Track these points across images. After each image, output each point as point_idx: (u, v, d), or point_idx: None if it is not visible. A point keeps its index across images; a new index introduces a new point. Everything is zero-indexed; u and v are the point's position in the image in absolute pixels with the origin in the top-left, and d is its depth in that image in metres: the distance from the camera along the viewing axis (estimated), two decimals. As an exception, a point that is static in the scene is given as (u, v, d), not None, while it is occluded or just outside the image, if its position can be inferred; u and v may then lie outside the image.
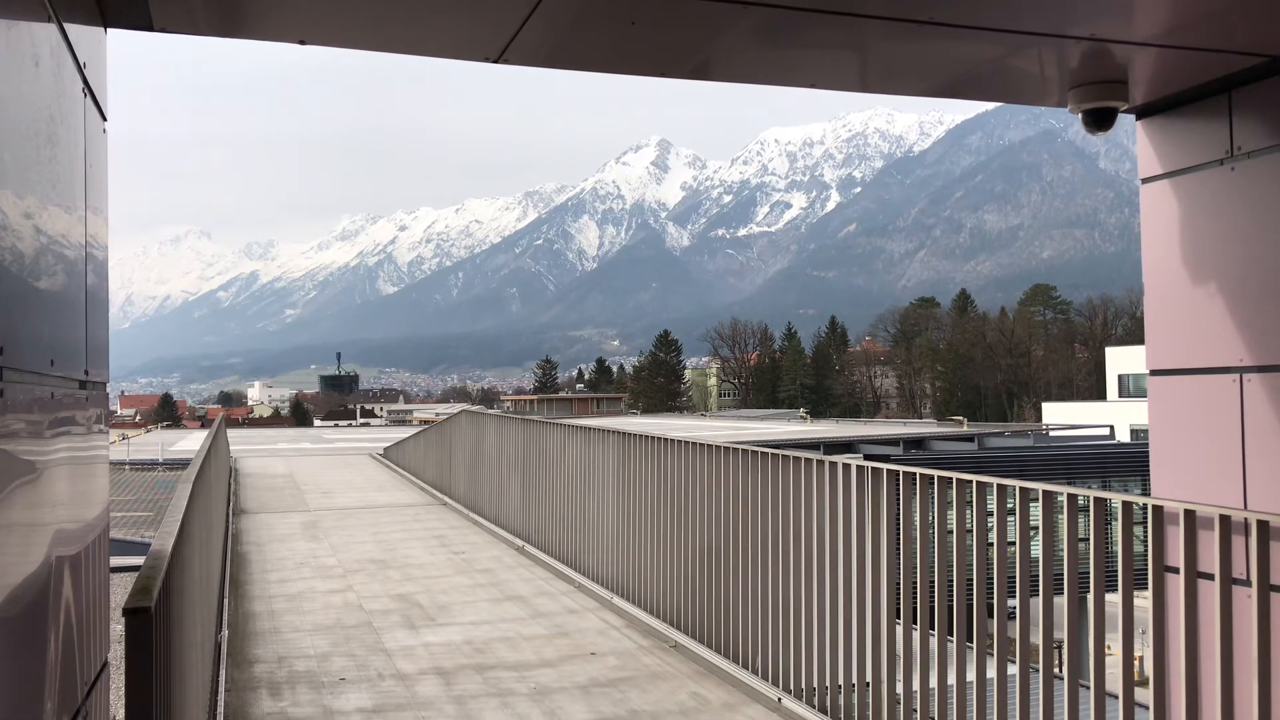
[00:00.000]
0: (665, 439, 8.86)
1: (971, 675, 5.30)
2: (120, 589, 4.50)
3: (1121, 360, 72.90)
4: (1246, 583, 4.19)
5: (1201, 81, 5.14)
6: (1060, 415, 73.85)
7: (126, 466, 36.56)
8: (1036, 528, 4.94)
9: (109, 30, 4.37)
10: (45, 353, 2.92)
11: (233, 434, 39.65)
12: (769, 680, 7.00)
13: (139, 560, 3.93)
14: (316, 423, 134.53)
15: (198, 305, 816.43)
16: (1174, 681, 4.45)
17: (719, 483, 7.77)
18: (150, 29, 4.42)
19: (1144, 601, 4.70)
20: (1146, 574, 4.57)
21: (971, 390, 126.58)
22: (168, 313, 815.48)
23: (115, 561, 5.91)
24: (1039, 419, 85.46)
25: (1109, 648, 4.72)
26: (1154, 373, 5.54)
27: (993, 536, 5.30)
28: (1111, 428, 56.86)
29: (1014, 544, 5.15)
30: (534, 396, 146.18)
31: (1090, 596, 4.80)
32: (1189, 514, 4.42)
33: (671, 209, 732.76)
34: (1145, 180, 5.66)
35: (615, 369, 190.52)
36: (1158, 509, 4.59)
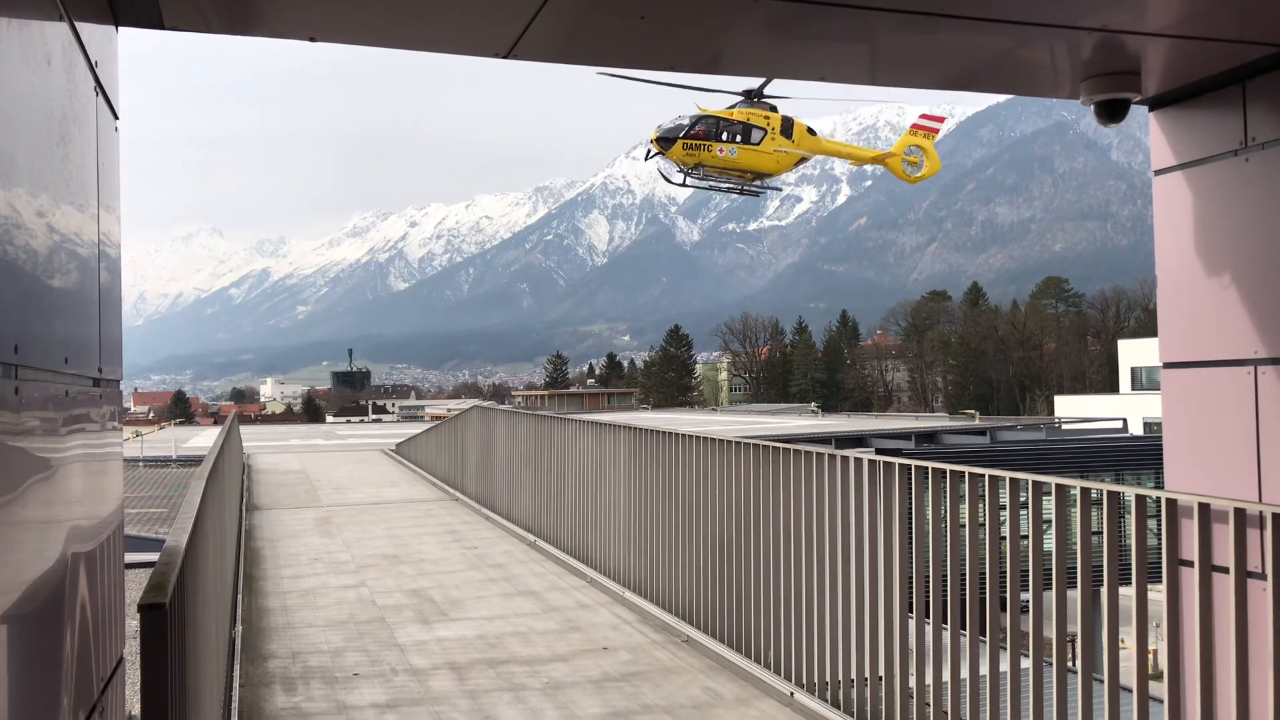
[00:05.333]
0: (676, 434, 8.86)
1: (984, 669, 5.29)
2: (135, 585, 4.53)
3: (1134, 353, 72.52)
4: (1262, 576, 4.17)
5: (1215, 72, 5.11)
6: (1073, 408, 73.57)
7: (140, 463, 36.72)
8: (1049, 521, 4.92)
9: (120, 29, 4.38)
10: (59, 351, 2.94)
11: (245, 430, 39.80)
12: (781, 675, 7.00)
13: (153, 556, 3.96)
14: (329, 419, 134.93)
15: (210, 303, 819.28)
16: (1189, 675, 4.43)
17: (730, 477, 7.76)
18: (161, 27, 4.43)
19: (1158, 595, 4.68)
20: (1160, 567, 4.55)
21: (983, 384, 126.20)
22: (180, 310, 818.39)
23: (130, 558, 5.95)
24: (1051, 412, 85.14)
25: (1123, 641, 4.70)
26: (1168, 365, 5.51)
27: (1005, 530, 5.29)
28: (1124, 421, 56.66)
29: (1027, 538, 5.13)
30: (545, 392, 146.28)
31: (1104, 590, 4.78)
32: (1203, 507, 4.40)
33: (681, 203, 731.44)
34: (1158, 172, 5.63)
35: (626, 364, 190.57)
36: (1172, 502, 4.57)
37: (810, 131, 32.45)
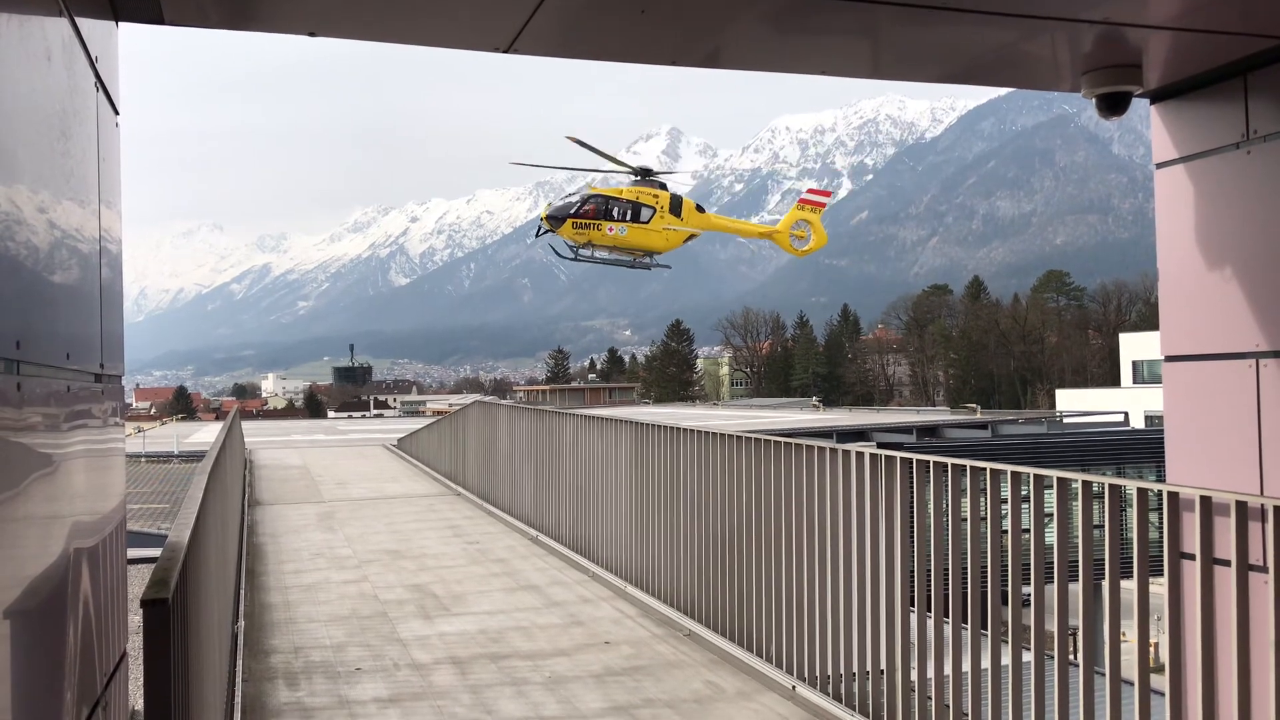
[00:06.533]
0: (678, 428, 8.86)
1: (986, 662, 5.29)
2: (138, 580, 4.53)
3: (1135, 346, 72.48)
4: (1263, 569, 4.17)
5: (1216, 65, 5.10)
6: (1074, 402, 73.53)
7: (142, 459, 36.75)
8: (1051, 515, 4.92)
9: (120, 24, 4.38)
10: (61, 347, 2.94)
11: (247, 426, 39.82)
12: (783, 668, 7.01)
13: (156, 552, 3.96)
14: (330, 414, 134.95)
15: (211, 298, 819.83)
16: (1190, 668, 4.44)
17: (732, 472, 7.76)
18: (161, 22, 4.43)
19: (1159, 588, 4.68)
20: (1162, 561, 4.55)
21: (985, 377, 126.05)
22: (181, 306, 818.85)
23: (132, 553, 5.95)
24: (1053, 406, 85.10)
25: (1124, 635, 4.71)
26: (1169, 359, 5.51)
27: (1007, 524, 5.29)
28: (1126, 414, 56.62)
29: (1028, 531, 5.13)
30: (546, 387, 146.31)
31: (1105, 583, 4.78)
32: (1205, 500, 4.40)
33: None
34: (1160, 165, 5.62)
35: (627, 359, 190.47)
36: (1173, 495, 4.57)
37: (699, 209, 32.69)
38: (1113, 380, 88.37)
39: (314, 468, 25.81)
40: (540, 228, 31.84)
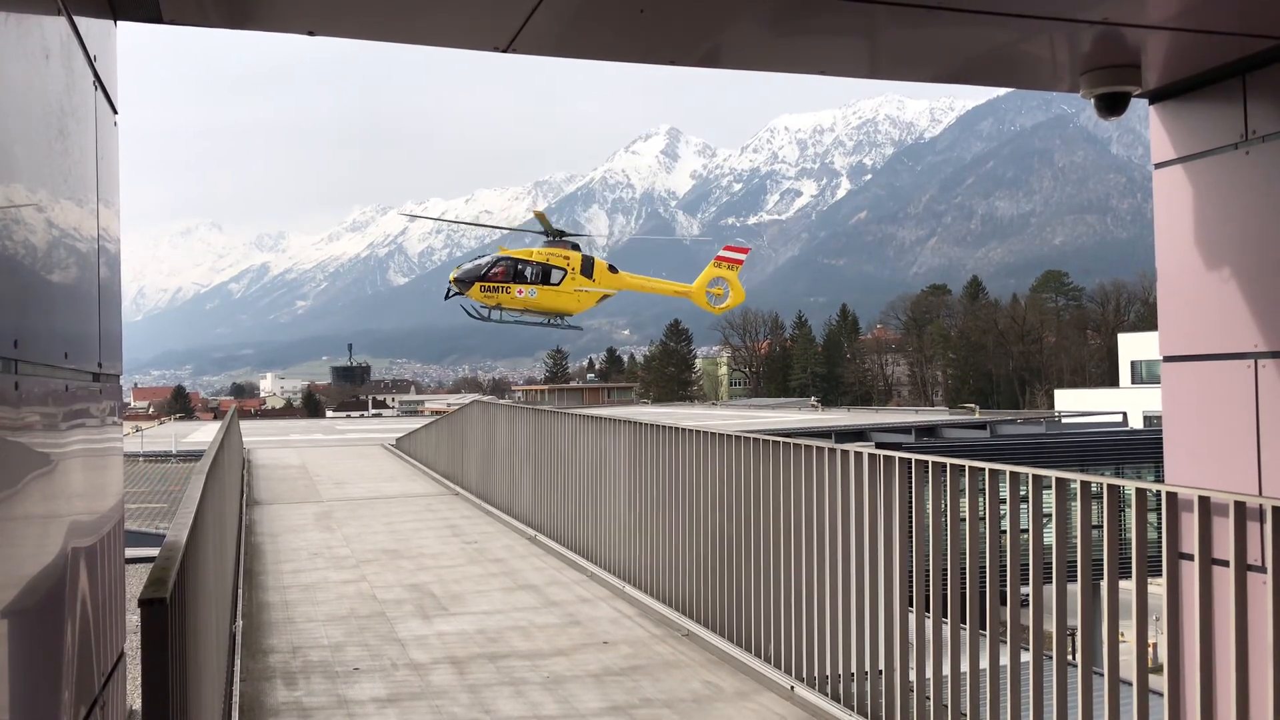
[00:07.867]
0: (676, 428, 8.86)
1: (985, 663, 5.29)
2: (135, 580, 4.53)
3: (1134, 346, 72.49)
4: (1261, 569, 4.17)
5: (1215, 65, 5.10)
6: (1073, 402, 73.56)
7: (140, 458, 36.71)
8: (1049, 515, 4.92)
9: (118, 23, 4.38)
10: (59, 346, 2.93)
11: (245, 425, 39.80)
12: (781, 668, 7.01)
13: (154, 551, 3.95)
14: (329, 414, 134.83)
15: (209, 297, 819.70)
16: (1189, 668, 4.44)
17: (730, 472, 7.76)
18: (160, 21, 4.42)
19: (1158, 589, 4.69)
20: (1160, 561, 4.56)
21: (983, 377, 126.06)
22: (180, 305, 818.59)
23: (130, 553, 5.94)
24: (1051, 406, 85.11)
25: (1122, 635, 4.71)
26: (1167, 359, 5.51)
27: (1005, 524, 5.29)
28: (1124, 414, 56.63)
29: (1027, 531, 5.13)
30: (545, 386, 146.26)
31: (1104, 584, 4.78)
32: (1203, 500, 4.40)
33: (681, 198, 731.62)
34: (1158, 165, 5.62)
35: (626, 358, 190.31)
36: (1172, 496, 4.57)
37: (612, 269, 32.43)
38: (1111, 380, 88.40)
39: (312, 467, 25.80)
40: (449, 290, 31.57)
